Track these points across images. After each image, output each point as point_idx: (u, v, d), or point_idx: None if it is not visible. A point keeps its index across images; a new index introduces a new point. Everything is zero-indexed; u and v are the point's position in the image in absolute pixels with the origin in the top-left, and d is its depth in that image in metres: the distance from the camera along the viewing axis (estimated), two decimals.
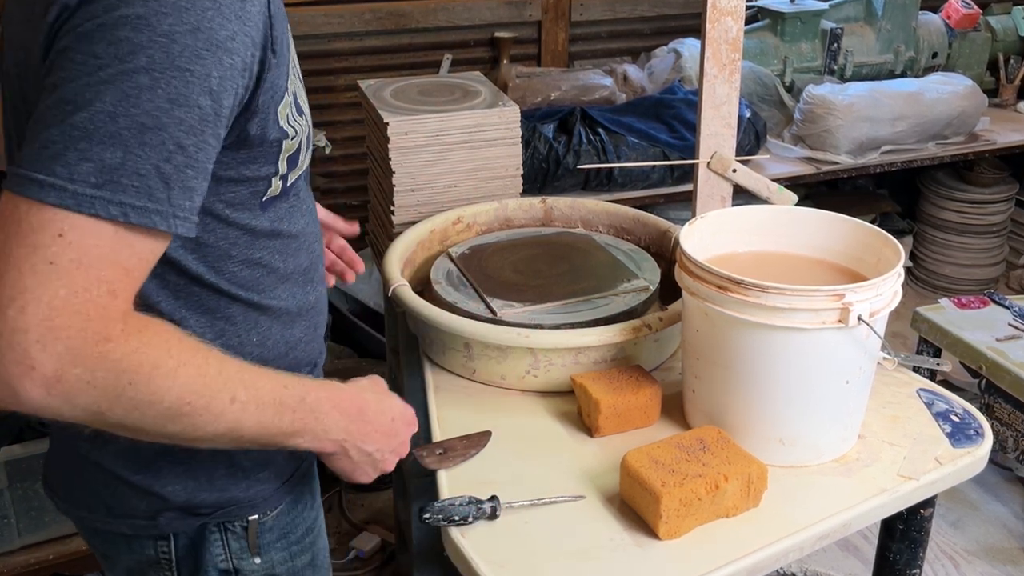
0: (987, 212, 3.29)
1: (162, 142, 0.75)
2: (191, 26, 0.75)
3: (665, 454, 1.05)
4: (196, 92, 0.76)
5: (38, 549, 1.68)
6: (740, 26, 1.48)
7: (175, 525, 0.99)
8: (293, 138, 0.90)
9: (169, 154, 0.75)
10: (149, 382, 0.76)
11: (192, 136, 0.76)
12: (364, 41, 2.79)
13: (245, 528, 1.02)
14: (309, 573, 1.11)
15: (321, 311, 1.07)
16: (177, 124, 0.75)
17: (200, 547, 1.01)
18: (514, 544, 1.01)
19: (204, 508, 0.99)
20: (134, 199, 0.74)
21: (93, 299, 0.73)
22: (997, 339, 2.21)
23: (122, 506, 0.98)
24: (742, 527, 1.04)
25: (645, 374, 1.22)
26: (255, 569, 1.04)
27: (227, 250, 0.91)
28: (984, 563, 2.25)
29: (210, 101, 0.77)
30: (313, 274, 1.04)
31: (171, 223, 0.77)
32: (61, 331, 0.72)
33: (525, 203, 1.67)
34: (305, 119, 0.95)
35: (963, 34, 3.21)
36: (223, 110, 0.78)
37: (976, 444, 1.18)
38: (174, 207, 0.76)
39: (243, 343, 0.95)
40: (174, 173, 0.76)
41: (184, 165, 0.76)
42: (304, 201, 1.01)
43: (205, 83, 0.76)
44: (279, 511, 1.04)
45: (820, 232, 1.25)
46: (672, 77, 2.79)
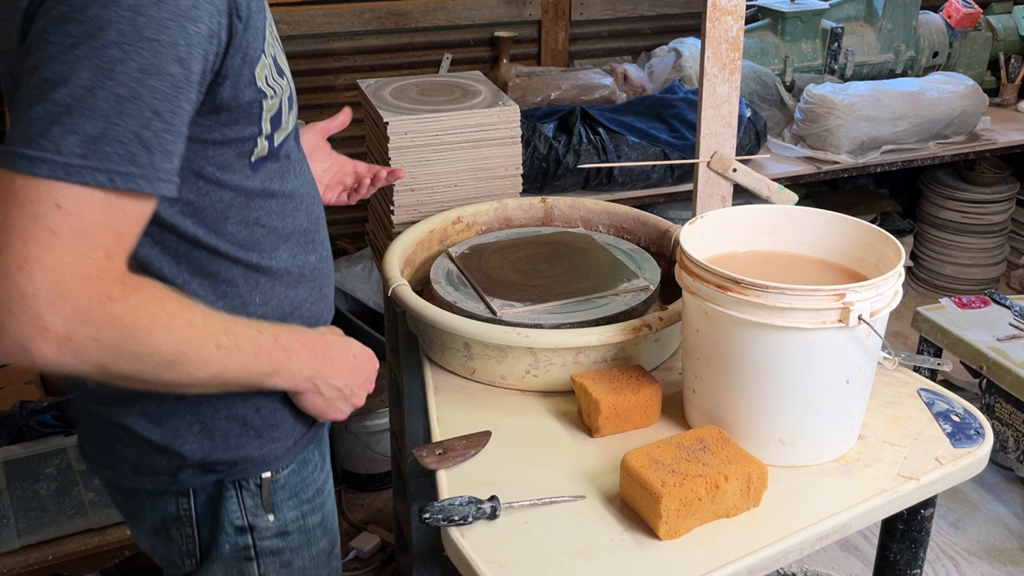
0: (988, 212, 3.29)
1: (139, 110, 0.79)
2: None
3: (665, 454, 1.05)
4: (165, 60, 0.80)
5: (37, 549, 1.67)
6: (740, 25, 1.48)
7: (194, 481, 1.04)
8: (273, 98, 0.95)
9: (147, 121, 0.80)
10: (149, 335, 0.83)
11: (167, 102, 0.81)
12: (364, 40, 2.79)
13: (259, 486, 1.07)
14: (320, 534, 1.16)
15: (325, 272, 1.12)
16: (151, 92, 0.80)
17: (218, 504, 1.06)
18: (514, 544, 1.01)
19: (220, 465, 1.04)
20: (119, 166, 0.79)
21: (94, 263, 0.79)
22: (998, 339, 2.21)
23: (145, 464, 1.03)
24: (742, 527, 1.04)
25: (645, 374, 1.22)
26: (269, 527, 1.09)
27: (223, 212, 0.96)
28: (985, 563, 2.25)
29: (180, 68, 0.81)
30: (314, 235, 1.08)
31: (155, 185, 0.82)
32: (68, 293, 0.78)
33: (525, 203, 1.66)
34: (286, 80, 0.99)
35: (964, 33, 3.21)
36: (193, 75, 0.83)
37: (977, 444, 1.18)
38: (156, 170, 0.82)
39: (246, 304, 1.00)
40: (153, 138, 0.81)
41: (162, 130, 0.81)
42: (296, 163, 1.05)
43: (173, 51, 0.80)
44: (290, 470, 1.09)
45: (821, 232, 1.25)
46: (672, 76, 2.79)
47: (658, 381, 1.21)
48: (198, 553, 1.09)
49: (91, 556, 1.69)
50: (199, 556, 1.10)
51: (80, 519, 1.71)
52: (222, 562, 1.10)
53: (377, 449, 2.41)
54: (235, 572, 1.10)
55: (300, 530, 1.13)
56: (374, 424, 2.37)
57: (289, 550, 1.12)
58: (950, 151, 2.91)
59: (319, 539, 1.16)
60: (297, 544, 1.13)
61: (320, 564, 1.17)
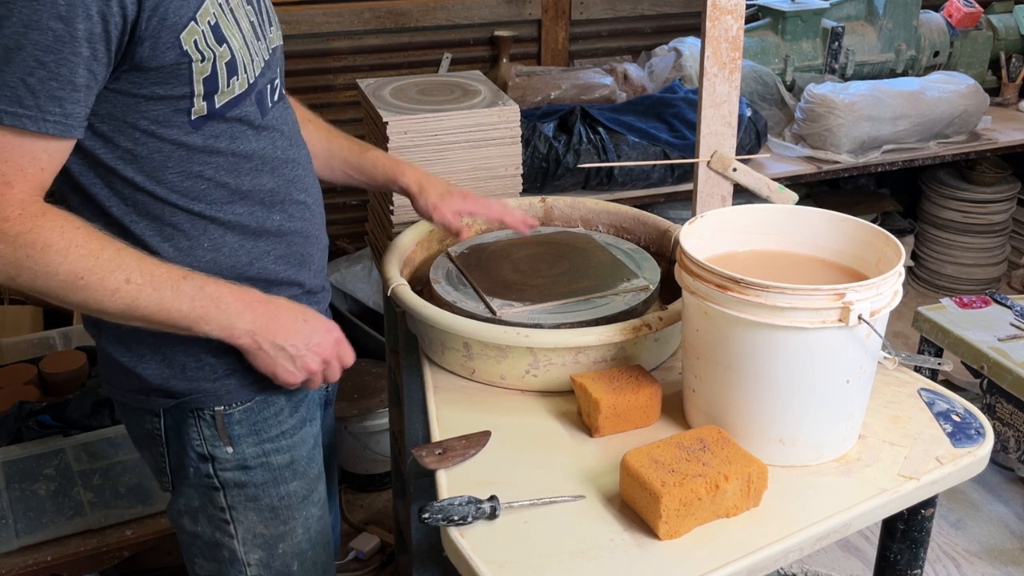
0: (989, 211, 3.28)
1: (23, 60, 0.92)
2: None
3: (665, 454, 1.05)
4: (45, 17, 0.91)
5: (36, 550, 1.67)
6: (740, 25, 1.47)
7: (158, 403, 1.17)
8: (204, 62, 1.03)
9: (31, 69, 0.93)
10: (43, 256, 0.97)
11: (50, 54, 0.93)
12: (363, 40, 2.79)
13: (213, 417, 1.17)
14: (288, 475, 1.24)
15: (300, 233, 1.19)
16: (34, 45, 0.92)
17: (182, 429, 1.18)
18: (513, 544, 1.01)
19: (177, 393, 1.15)
20: (5, 105, 0.93)
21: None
22: (999, 339, 2.21)
23: (123, 382, 1.17)
24: (742, 527, 1.04)
25: (645, 374, 1.21)
26: (228, 458, 1.19)
27: (162, 162, 1.06)
28: (985, 564, 2.24)
29: (61, 25, 0.92)
30: (283, 197, 1.17)
31: (40, 125, 0.94)
32: None
33: (525, 202, 1.66)
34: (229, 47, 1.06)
35: (965, 33, 3.20)
36: (78, 32, 0.93)
37: (977, 444, 1.17)
38: (43, 112, 0.94)
39: (193, 247, 1.10)
40: (38, 84, 0.93)
41: (47, 78, 0.93)
42: (259, 128, 1.13)
43: (52, 9, 0.92)
44: (247, 408, 1.18)
45: (821, 231, 1.24)
46: (672, 76, 2.79)
47: (658, 381, 1.20)
48: (169, 472, 1.22)
49: (90, 557, 1.69)
50: (171, 476, 1.22)
51: (79, 520, 1.71)
52: (191, 487, 1.21)
53: (376, 449, 2.41)
54: (207, 501, 1.21)
55: (264, 467, 1.21)
56: (374, 424, 2.37)
57: (253, 485, 1.21)
58: (951, 151, 2.91)
59: (288, 480, 1.23)
60: (261, 480, 1.21)
61: (293, 506, 1.24)
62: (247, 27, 1.11)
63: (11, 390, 2.00)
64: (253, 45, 1.11)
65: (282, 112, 1.19)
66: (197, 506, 1.22)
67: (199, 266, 1.09)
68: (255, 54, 1.11)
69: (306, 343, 1.13)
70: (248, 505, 1.22)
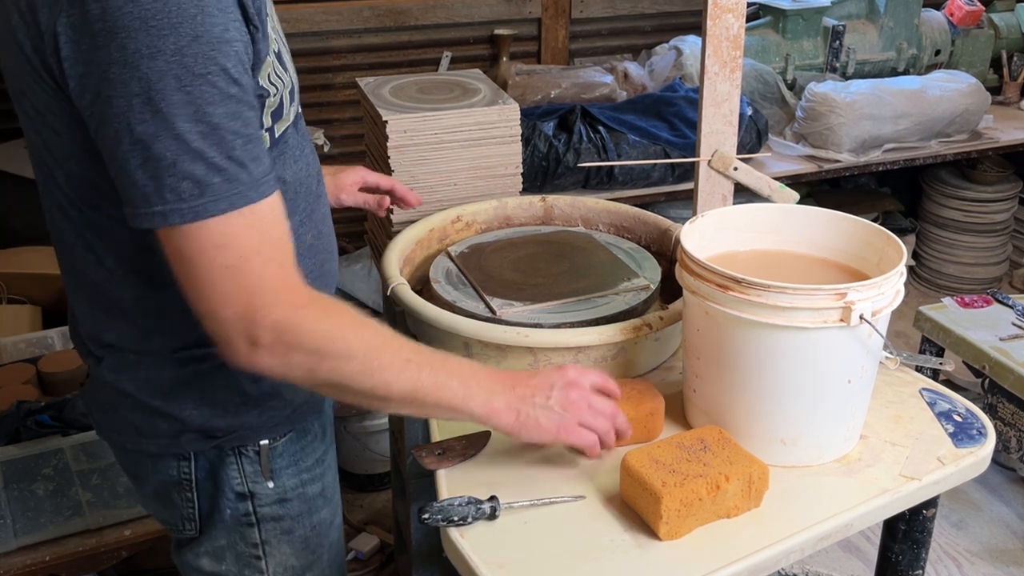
0: (990, 210, 3.28)
1: (222, 138, 0.87)
2: (192, 36, 0.84)
3: (666, 454, 1.04)
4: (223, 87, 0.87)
5: (35, 550, 1.66)
6: (741, 23, 1.47)
7: (194, 446, 1.08)
8: (275, 95, 0.98)
9: (231, 143, 0.88)
10: (344, 339, 0.94)
11: (238, 120, 0.89)
12: (363, 38, 2.79)
13: (258, 452, 1.10)
14: (320, 503, 1.19)
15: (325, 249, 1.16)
16: (224, 117, 0.87)
17: (218, 470, 1.10)
18: (513, 545, 1.00)
19: (219, 432, 1.08)
20: (229, 189, 0.88)
21: (272, 274, 0.91)
22: (1000, 338, 2.20)
23: (148, 428, 1.08)
24: (743, 528, 1.03)
25: (650, 388, 1.19)
26: (268, 493, 1.13)
27: None
28: (987, 564, 2.24)
29: (236, 88, 0.88)
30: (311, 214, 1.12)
31: (263, 189, 0.91)
32: (265, 309, 0.90)
33: (525, 201, 1.66)
34: (288, 73, 1.02)
35: (966, 31, 3.20)
36: (247, 86, 0.90)
37: (979, 444, 1.17)
38: (254, 178, 0.90)
39: None
40: (242, 153, 0.89)
41: (245, 143, 0.89)
42: (293, 148, 1.07)
43: (225, 76, 0.87)
44: (288, 438, 1.13)
45: (822, 230, 1.24)
46: (673, 75, 2.78)
47: (662, 395, 1.18)
48: (198, 518, 1.13)
49: (89, 557, 1.68)
50: (199, 521, 1.13)
51: (78, 520, 1.70)
52: (224, 527, 1.13)
53: (376, 449, 2.40)
54: (238, 537, 1.14)
55: (300, 498, 1.16)
56: (373, 424, 2.36)
57: (289, 517, 1.15)
58: (952, 150, 2.90)
59: (319, 508, 1.18)
60: (297, 512, 1.16)
61: (322, 534, 1.20)
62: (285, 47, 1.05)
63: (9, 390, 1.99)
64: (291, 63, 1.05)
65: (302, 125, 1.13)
66: (224, 544, 1.14)
67: None
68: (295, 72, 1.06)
69: (550, 387, 1.06)
70: (282, 538, 1.16)
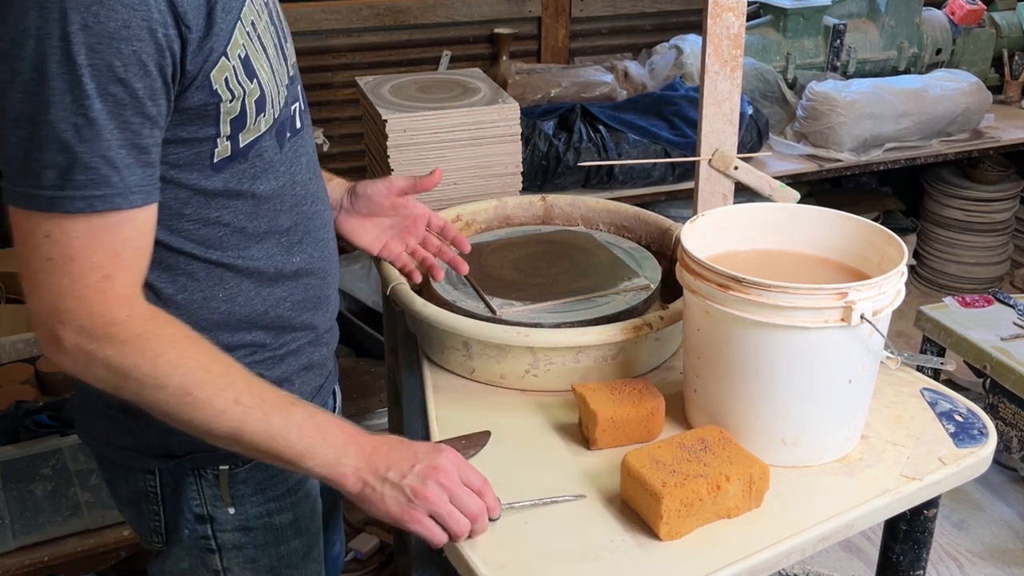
0: (992, 210, 3.27)
1: (98, 134, 0.83)
2: (80, 24, 0.81)
3: (666, 454, 1.04)
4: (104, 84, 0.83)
5: (33, 550, 1.66)
6: (742, 22, 1.47)
7: (157, 462, 1.07)
8: (232, 101, 0.93)
9: (106, 142, 0.84)
10: (153, 367, 0.88)
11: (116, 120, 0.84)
12: (362, 37, 2.78)
13: (217, 476, 1.07)
14: (291, 534, 1.14)
15: (316, 273, 1.10)
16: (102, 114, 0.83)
17: (180, 488, 1.08)
18: (513, 545, 1.00)
19: (177, 451, 1.05)
20: (93, 190, 0.84)
21: (91, 284, 0.86)
22: (1002, 338, 2.20)
23: (117, 438, 1.07)
24: (743, 528, 1.03)
25: (650, 387, 1.18)
26: (229, 519, 1.10)
27: (178, 209, 0.96)
28: (988, 564, 2.23)
29: (119, 89, 0.84)
30: (301, 236, 1.07)
31: (131, 199, 0.86)
32: (71, 313, 0.86)
33: (525, 201, 1.65)
34: (259, 82, 0.96)
35: (967, 30, 3.19)
36: (137, 91, 0.85)
37: (980, 444, 1.16)
38: (128, 185, 0.86)
39: (207, 298, 1.01)
40: (116, 156, 0.85)
41: (121, 146, 0.85)
42: (274, 162, 1.02)
43: (109, 73, 0.83)
44: (253, 465, 1.08)
45: (823, 230, 1.23)
46: (673, 73, 2.77)
47: (662, 395, 1.17)
48: (163, 532, 1.12)
49: (87, 557, 1.68)
50: (164, 536, 1.12)
51: (76, 520, 1.70)
52: (184, 548, 1.11)
53: None
54: (198, 562, 1.12)
55: (266, 527, 1.12)
56: (372, 424, 2.36)
57: (253, 546, 1.12)
58: (953, 149, 2.89)
59: (289, 539, 1.14)
60: (263, 541, 1.12)
61: (292, 565, 1.15)
62: (273, 51, 1.01)
63: (8, 390, 1.99)
64: (278, 71, 1.01)
65: (303, 140, 1.08)
66: (187, 567, 1.12)
67: (213, 317, 1.01)
68: (279, 81, 1.01)
69: (411, 466, 0.95)
70: (246, 567, 1.13)
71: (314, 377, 1.15)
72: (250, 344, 1.05)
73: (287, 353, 1.10)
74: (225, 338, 1.02)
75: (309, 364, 1.14)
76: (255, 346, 1.06)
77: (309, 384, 1.15)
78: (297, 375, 1.12)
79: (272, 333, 1.06)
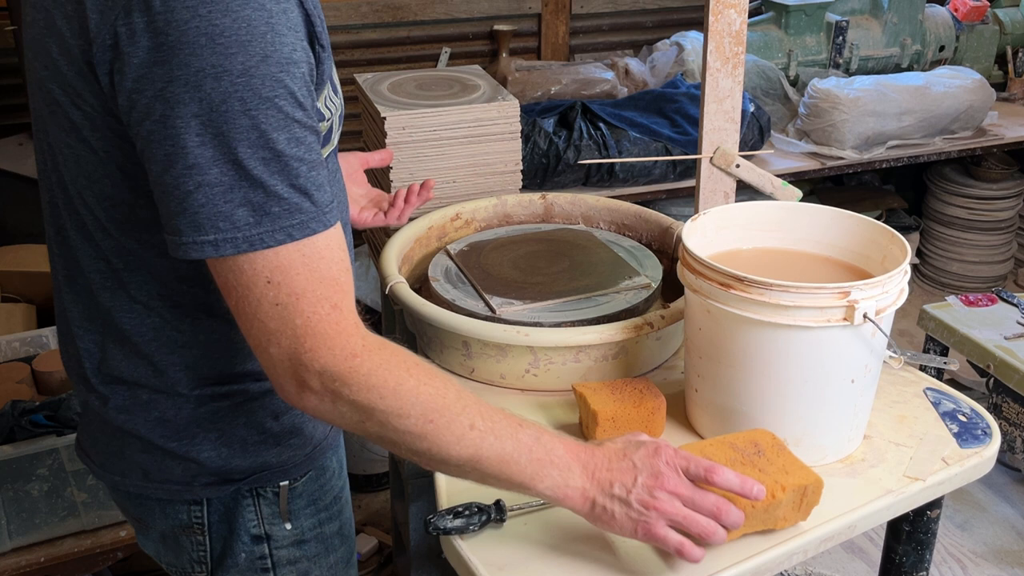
0: (995, 208, 3.26)
1: (286, 164, 0.82)
2: (261, 56, 0.79)
3: (718, 453, 0.99)
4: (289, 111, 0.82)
5: (29, 551, 1.66)
6: (744, 19, 1.46)
7: (210, 491, 1.02)
8: (328, 120, 0.94)
9: (296, 170, 0.82)
10: (396, 396, 0.86)
11: (302, 145, 0.83)
12: (361, 34, 2.77)
13: (276, 494, 1.05)
14: (337, 543, 1.14)
15: None
16: (288, 143, 0.82)
17: (234, 512, 1.04)
18: (514, 547, 0.99)
19: (237, 473, 1.02)
20: (289, 219, 0.82)
21: (323, 317, 0.84)
22: (1005, 337, 2.19)
23: (159, 472, 1.01)
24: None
25: (651, 387, 1.18)
26: (286, 535, 1.08)
27: None
28: (992, 565, 2.22)
29: (301, 112, 0.83)
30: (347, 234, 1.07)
31: (326, 219, 0.85)
32: (313, 353, 0.84)
33: (525, 199, 1.64)
34: (339, 98, 0.98)
35: (971, 27, 3.18)
36: (311, 110, 0.85)
37: (984, 444, 1.16)
38: (319, 206, 0.84)
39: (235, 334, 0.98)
40: (305, 181, 0.83)
41: (309, 170, 0.84)
42: (333, 172, 1.04)
43: (292, 99, 0.82)
44: (307, 477, 1.07)
45: (825, 228, 1.23)
46: (674, 71, 2.76)
47: (663, 395, 1.17)
48: (209, 561, 1.07)
49: (84, 558, 1.67)
50: (210, 565, 1.08)
51: (73, 520, 1.69)
52: (237, 571, 1.07)
53: (374, 449, 2.39)
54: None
55: (317, 538, 1.11)
56: None
57: (306, 559, 1.10)
58: (957, 146, 2.88)
59: (337, 548, 1.14)
60: (315, 553, 1.11)
61: (337, 574, 1.15)
62: None
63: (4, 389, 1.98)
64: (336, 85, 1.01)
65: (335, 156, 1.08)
66: None
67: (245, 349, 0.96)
68: None
69: (633, 479, 0.92)
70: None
71: None
72: None
73: None
74: None
75: None
76: None
77: None
78: None
79: None
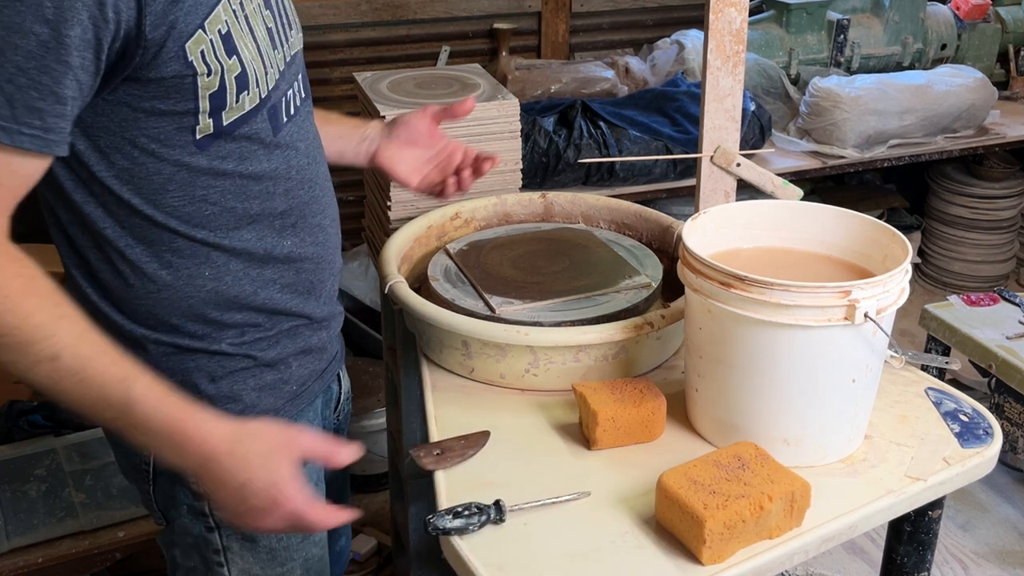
0: (997, 207, 3.26)
1: (1, 66, 0.82)
2: None
3: (703, 473, 1.00)
4: (28, 20, 0.82)
5: (27, 552, 1.66)
6: (744, 17, 1.45)
7: None
8: (210, 76, 0.94)
9: (10, 76, 0.83)
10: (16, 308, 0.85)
11: (32, 60, 0.83)
12: (360, 32, 2.77)
13: None
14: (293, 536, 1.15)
15: (312, 259, 1.11)
16: (13, 49, 0.82)
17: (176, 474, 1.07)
18: (514, 547, 0.99)
19: None
20: None
21: None
22: (1007, 337, 2.18)
23: None
24: None
25: (651, 387, 1.17)
26: None
27: (163, 184, 0.98)
28: (994, 566, 2.22)
29: (47, 29, 0.83)
30: (296, 220, 1.08)
31: (15, 138, 0.84)
32: None
33: (525, 198, 1.64)
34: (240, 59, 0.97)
35: (972, 25, 3.17)
36: (66, 38, 0.84)
37: (985, 444, 1.15)
38: (19, 124, 0.84)
39: (193, 276, 1.02)
40: (16, 93, 0.83)
41: (27, 87, 0.84)
42: (269, 147, 1.04)
43: (37, 12, 0.82)
44: None
45: (826, 227, 1.22)
46: (675, 69, 2.76)
47: (663, 395, 1.16)
48: (159, 509, 1.13)
49: (82, 559, 1.68)
50: (161, 513, 1.13)
51: (71, 521, 1.69)
52: (183, 525, 1.12)
53: (373, 450, 2.38)
54: (200, 539, 1.12)
55: None
56: (371, 424, 2.35)
57: None
58: (958, 145, 2.88)
59: None
60: None
61: (291, 547, 1.16)
62: (263, 35, 1.02)
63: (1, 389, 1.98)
64: (268, 55, 1.02)
65: (299, 126, 1.09)
66: (190, 542, 1.14)
67: (199, 295, 1.02)
68: (270, 65, 1.02)
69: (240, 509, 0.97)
70: (245, 546, 1.14)
71: (313, 361, 1.17)
72: (241, 324, 1.07)
73: (280, 334, 1.11)
74: (215, 315, 1.04)
75: (307, 348, 1.15)
76: (247, 326, 1.08)
77: (307, 367, 1.16)
78: (295, 358, 1.14)
79: (263, 315, 1.08)
